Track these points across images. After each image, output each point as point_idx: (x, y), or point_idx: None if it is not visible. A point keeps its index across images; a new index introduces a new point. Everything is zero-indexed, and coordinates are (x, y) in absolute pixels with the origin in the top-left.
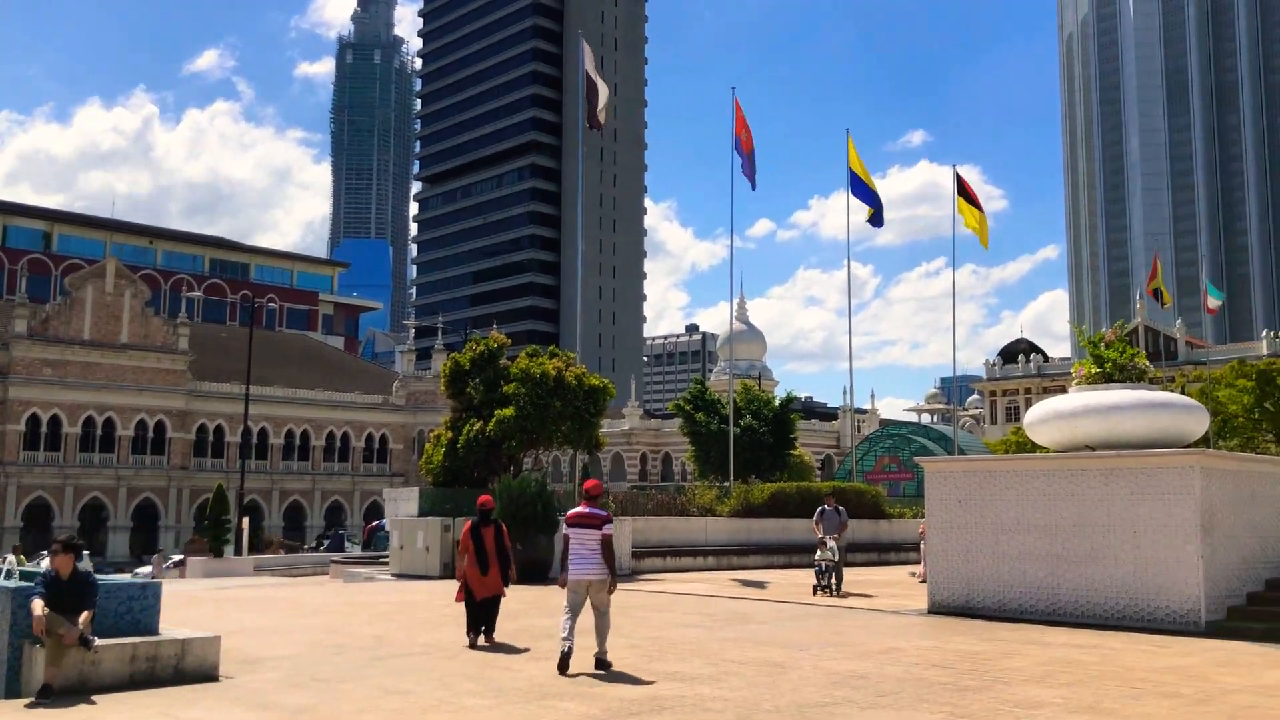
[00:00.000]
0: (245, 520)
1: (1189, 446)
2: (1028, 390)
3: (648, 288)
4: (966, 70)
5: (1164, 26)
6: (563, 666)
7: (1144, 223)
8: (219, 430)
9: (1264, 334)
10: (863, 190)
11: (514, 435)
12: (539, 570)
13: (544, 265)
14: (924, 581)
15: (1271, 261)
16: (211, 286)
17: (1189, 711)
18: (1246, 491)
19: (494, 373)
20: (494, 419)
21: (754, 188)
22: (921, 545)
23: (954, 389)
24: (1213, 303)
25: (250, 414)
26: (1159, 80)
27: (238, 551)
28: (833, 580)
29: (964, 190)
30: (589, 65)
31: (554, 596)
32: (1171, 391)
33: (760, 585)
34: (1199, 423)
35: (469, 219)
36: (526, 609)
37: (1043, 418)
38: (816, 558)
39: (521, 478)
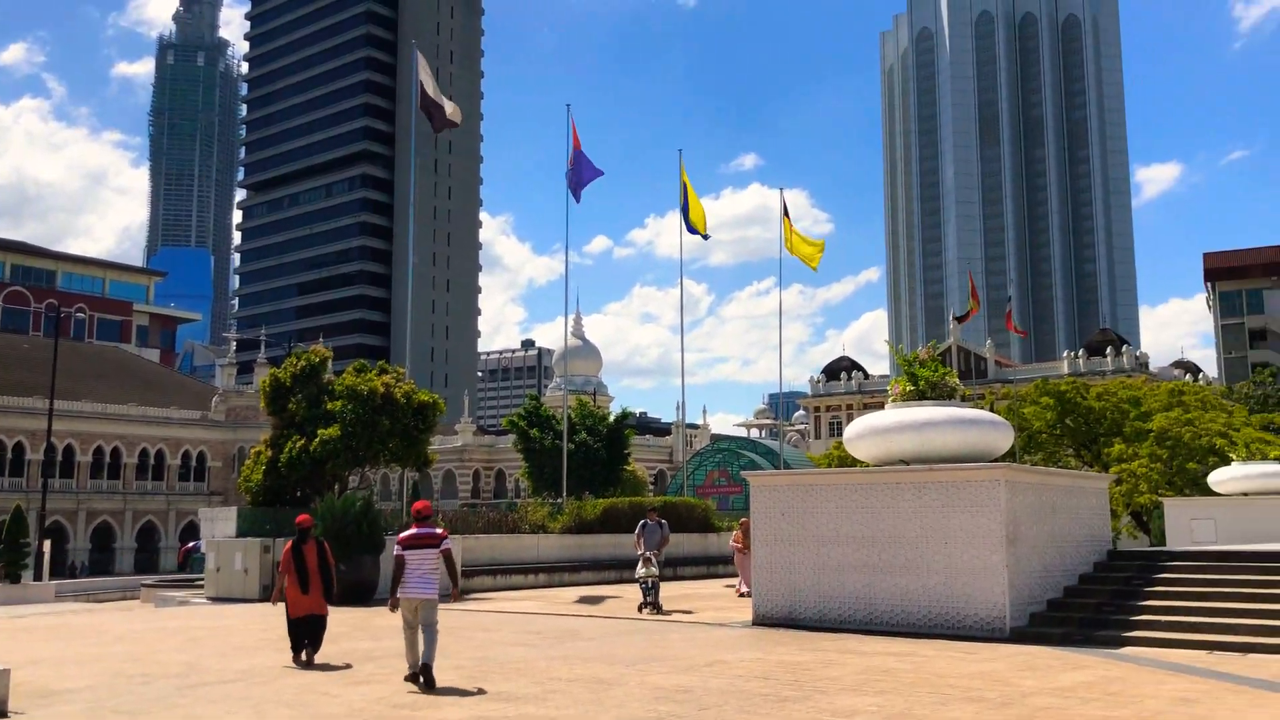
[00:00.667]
0: (47, 543)
1: (996, 461)
2: (849, 406)
3: (483, 302)
4: (796, 96)
5: (977, 64)
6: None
7: (958, 248)
8: (19, 447)
9: (1065, 354)
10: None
11: (339, 453)
12: (364, 591)
13: (374, 278)
14: (742, 594)
15: (1073, 286)
16: (13, 295)
17: (992, 715)
18: (1047, 503)
19: (317, 388)
20: (317, 437)
21: (578, 201)
22: (736, 558)
23: (780, 405)
24: (1014, 323)
25: (54, 430)
26: (972, 114)
27: (37, 577)
28: (657, 596)
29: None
30: (424, 75)
31: (378, 618)
32: (980, 408)
33: (591, 601)
34: (1005, 438)
35: (296, 228)
36: (350, 631)
37: (861, 433)
38: (639, 573)
39: (345, 496)
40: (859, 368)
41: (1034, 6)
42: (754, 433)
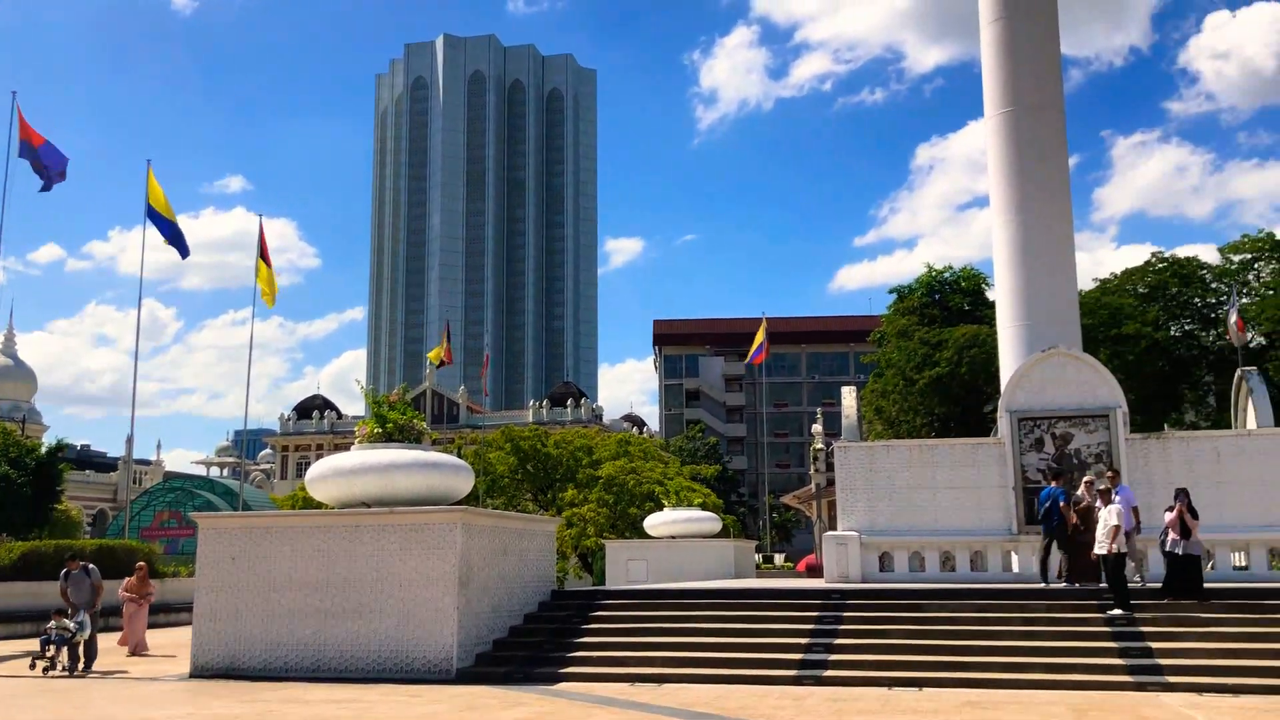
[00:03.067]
0: None
1: (457, 504)
2: (320, 446)
3: None
4: (292, 123)
5: (468, 120)
6: None
7: (440, 295)
8: None
9: (531, 404)
10: (164, 225)
11: None
12: None
13: None
14: (133, 652)
15: (543, 340)
16: None
17: None
18: (500, 546)
19: None
20: None
21: (49, 189)
22: (124, 609)
23: (246, 443)
24: (486, 379)
25: None
26: (461, 168)
27: None
28: (80, 653)
29: (263, 243)
30: None
31: None
32: (449, 453)
33: None
34: (466, 481)
35: None
36: None
37: (324, 474)
38: (51, 626)
39: None
40: (333, 407)
41: (523, 74)
42: (215, 471)
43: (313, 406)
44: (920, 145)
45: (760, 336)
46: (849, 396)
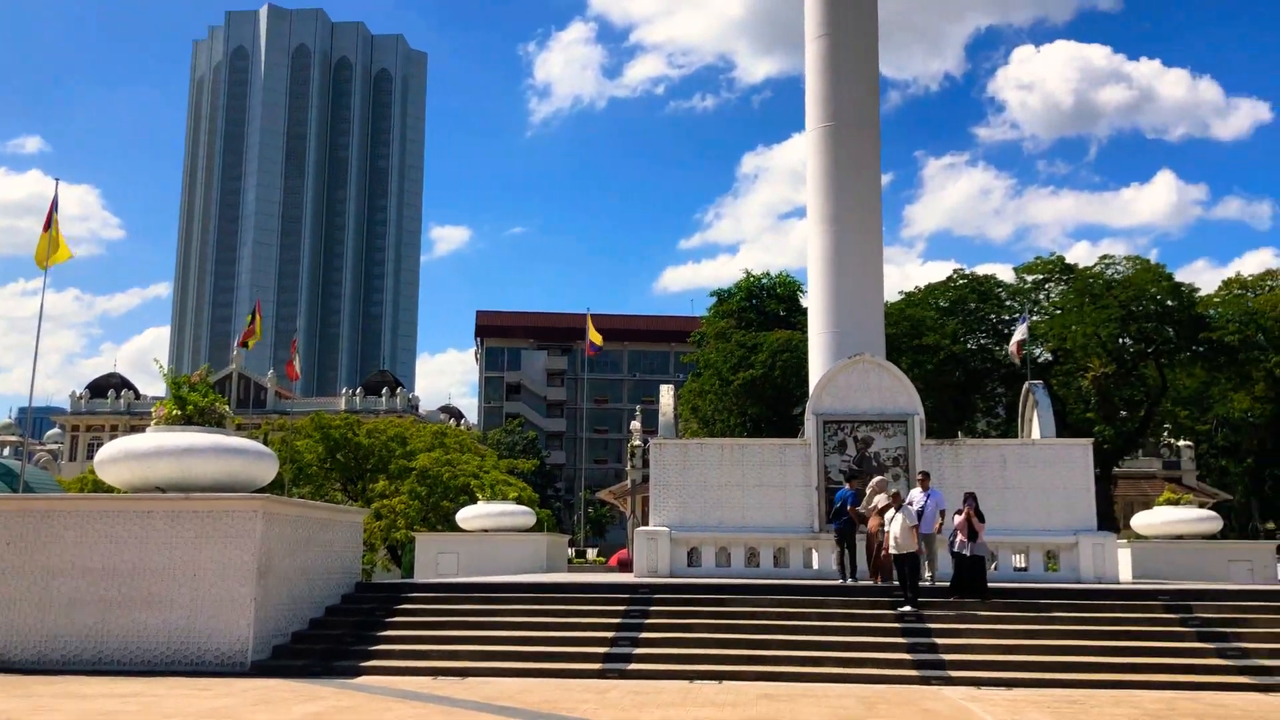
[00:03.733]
0: None
1: (258, 492)
2: (114, 427)
3: None
4: (98, 84)
5: (291, 95)
6: None
7: (252, 274)
8: None
9: (344, 391)
10: None
11: None
12: None
13: None
14: None
15: (360, 327)
16: None
17: None
18: (303, 536)
19: None
20: None
21: None
22: None
23: (31, 420)
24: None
25: None
26: (281, 143)
27: None
28: None
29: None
30: None
31: None
32: (254, 439)
33: None
34: (269, 469)
35: None
36: None
37: (114, 457)
38: None
39: None
40: (131, 386)
41: (351, 52)
42: None
43: (109, 385)
44: (747, 154)
45: (595, 337)
46: (666, 395)
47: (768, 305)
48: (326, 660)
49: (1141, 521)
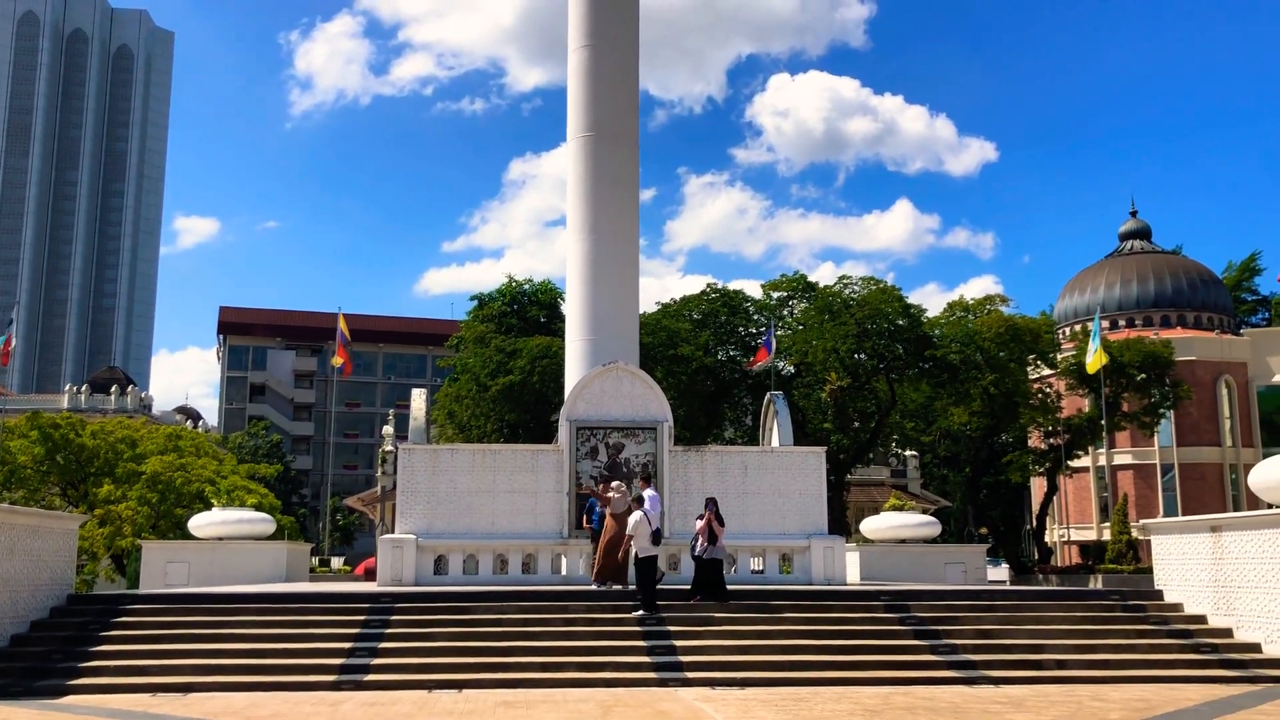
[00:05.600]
0: None
1: None
2: None
3: None
4: None
5: (14, 66)
6: None
7: None
8: None
9: (68, 388)
10: None
11: None
12: None
13: None
14: None
15: (88, 320)
16: None
17: None
18: (6, 545)
19: None
20: None
21: None
22: None
23: None
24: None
25: None
26: (2, 118)
27: None
28: None
29: None
30: None
31: None
32: None
33: None
34: None
35: None
36: None
37: None
38: None
39: None
40: None
41: (87, 24)
42: None
43: None
44: (515, 160)
45: (341, 357)
46: (419, 398)
47: (529, 311)
48: (28, 679)
49: (869, 526)
